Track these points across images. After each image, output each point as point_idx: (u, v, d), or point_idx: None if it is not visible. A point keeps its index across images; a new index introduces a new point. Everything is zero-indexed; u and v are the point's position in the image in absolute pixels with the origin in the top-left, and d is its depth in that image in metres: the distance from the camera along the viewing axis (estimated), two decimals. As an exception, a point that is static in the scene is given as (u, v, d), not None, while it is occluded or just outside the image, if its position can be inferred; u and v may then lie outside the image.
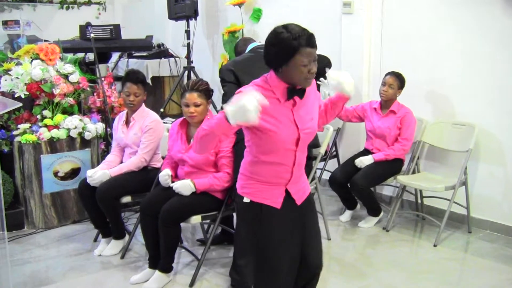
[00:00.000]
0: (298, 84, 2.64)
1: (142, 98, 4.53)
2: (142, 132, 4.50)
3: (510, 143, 4.78)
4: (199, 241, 4.76)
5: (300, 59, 2.56)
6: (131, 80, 4.48)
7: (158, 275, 3.96)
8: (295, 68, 2.58)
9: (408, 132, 5.00)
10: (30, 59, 5.18)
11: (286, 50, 2.57)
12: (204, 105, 3.96)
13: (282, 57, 2.58)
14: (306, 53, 2.57)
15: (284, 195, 2.78)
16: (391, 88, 5.04)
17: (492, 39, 4.77)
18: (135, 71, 4.64)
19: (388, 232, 5.01)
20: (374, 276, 4.19)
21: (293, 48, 2.55)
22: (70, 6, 8.81)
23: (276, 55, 2.60)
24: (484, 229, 5.01)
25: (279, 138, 2.65)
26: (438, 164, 5.29)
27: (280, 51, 2.58)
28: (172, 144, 4.14)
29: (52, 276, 4.19)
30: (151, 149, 4.51)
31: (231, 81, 3.87)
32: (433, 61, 5.18)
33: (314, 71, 2.62)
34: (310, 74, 2.61)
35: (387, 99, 5.08)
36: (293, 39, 2.55)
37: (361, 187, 4.91)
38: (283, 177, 2.76)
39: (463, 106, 5.03)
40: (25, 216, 5.11)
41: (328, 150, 5.62)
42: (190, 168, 4.03)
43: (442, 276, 4.20)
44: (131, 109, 4.55)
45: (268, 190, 2.76)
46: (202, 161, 3.96)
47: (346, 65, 5.79)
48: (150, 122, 4.50)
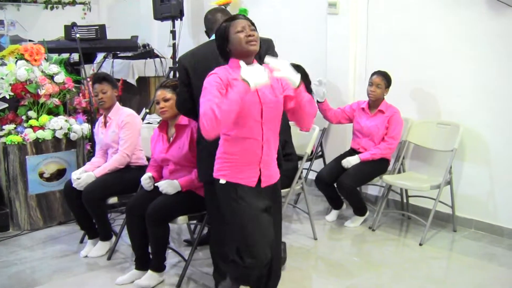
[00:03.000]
0: (245, 50, 2.98)
1: (112, 94, 4.56)
2: (119, 128, 4.51)
3: (494, 142, 4.82)
4: (186, 241, 4.76)
5: (233, 30, 2.97)
6: (95, 81, 4.59)
7: (151, 274, 3.96)
8: (234, 39, 2.98)
9: (395, 131, 5.03)
10: (15, 60, 5.15)
11: (221, 32, 3.03)
12: (173, 99, 3.99)
13: (222, 39, 3.02)
14: (236, 23, 2.99)
15: (259, 174, 3.03)
16: (379, 88, 5.07)
17: (477, 40, 4.81)
18: (97, 72, 4.72)
19: (374, 232, 5.03)
20: (360, 275, 4.21)
21: (224, 27, 3.01)
22: (54, 6, 8.75)
23: (218, 41, 3.05)
24: (469, 228, 5.04)
25: (243, 108, 2.86)
26: (423, 163, 5.33)
27: (219, 37, 3.04)
28: (154, 146, 4.17)
29: (38, 278, 4.17)
30: (131, 143, 4.51)
31: (183, 81, 3.57)
32: (419, 61, 5.21)
33: (253, 34, 2.98)
34: (249, 37, 2.97)
35: (375, 98, 5.10)
36: (223, 22, 3.04)
37: (347, 186, 4.94)
38: (254, 153, 3.01)
39: (448, 106, 5.07)
40: (10, 218, 5.08)
41: (314, 150, 5.64)
42: (173, 165, 4.04)
43: (427, 274, 4.22)
44: (104, 107, 4.59)
45: (242, 171, 3.01)
46: (184, 157, 3.99)
47: (332, 65, 5.81)
48: (125, 116, 4.54)
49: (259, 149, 3.02)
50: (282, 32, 6.38)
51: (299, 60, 5.79)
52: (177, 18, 6.79)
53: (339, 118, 5.34)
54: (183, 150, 3.99)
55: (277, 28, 6.43)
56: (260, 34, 3.06)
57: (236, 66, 2.97)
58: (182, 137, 4.01)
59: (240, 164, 3.01)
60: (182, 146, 4.00)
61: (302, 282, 4.12)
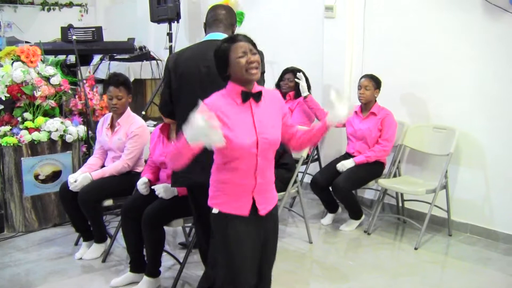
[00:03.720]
0: (245, 77, 2.74)
1: (126, 101, 4.50)
2: (127, 137, 4.47)
3: (490, 147, 4.83)
4: (181, 244, 4.75)
5: (233, 55, 2.73)
6: (113, 84, 4.46)
7: (147, 279, 3.94)
8: (234, 65, 2.73)
9: (388, 133, 5.04)
10: (11, 61, 5.14)
11: (220, 54, 2.78)
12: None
13: (221, 61, 2.78)
14: (236, 47, 2.74)
15: (252, 203, 2.83)
16: (367, 90, 5.08)
17: (473, 44, 4.82)
18: (116, 74, 4.63)
19: (370, 235, 5.03)
20: (355, 279, 4.21)
21: (225, 49, 2.76)
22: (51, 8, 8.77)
23: (218, 62, 2.81)
24: (464, 232, 5.05)
25: (237, 142, 2.69)
26: (419, 167, 5.33)
27: (219, 58, 2.80)
28: (154, 148, 4.15)
29: (32, 280, 4.15)
30: (135, 156, 4.49)
31: (166, 82, 3.45)
32: (415, 65, 5.22)
33: (254, 59, 2.74)
34: (250, 64, 2.72)
35: (365, 101, 5.11)
36: (223, 43, 2.80)
37: (343, 190, 4.94)
38: (247, 184, 2.80)
39: (444, 110, 5.07)
40: (5, 220, 5.06)
41: (310, 154, 5.65)
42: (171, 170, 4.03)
43: (423, 278, 4.23)
44: (116, 113, 4.52)
45: (235, 200, 2.81)
46: None
47: (328, 69, 5.82)
48: (136, 128, 4.47)
49: (252, 179, 2.80)
50: (279, 35, 6.41)
51: (296, 63, 5.83)
52: (174, 20, 6.80)
53: None
54: None
55: (274, 31, 6.45)
56: (257, 38, 3.02)
57: (234, 93, 2.77)
58: None
59: (232, 193, 2.81)
60: None
61: (296, 285, 4.11)
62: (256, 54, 2.78)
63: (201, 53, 3.25)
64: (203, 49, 3.27)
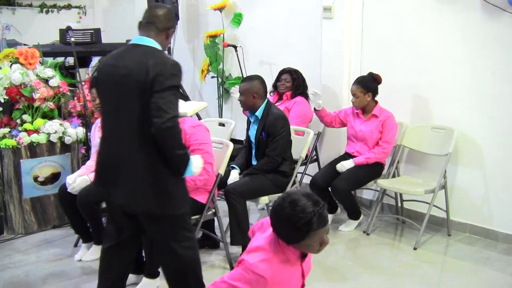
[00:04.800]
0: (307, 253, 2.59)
1: None
2: None
3: (489, 147, 4.84)
4: (180, 245, 4.74)
5: (311, 240, 2.45)
6: (93, 85, 4.49)
7: (146, 280, 3.94)
8: (308, 243, 2.46)
9: (389, 135, 5.03)
10: (9, 63, 5.14)
11: (296, 232, 2.43)
12: None
13: (293, 237, 2.46)
14: (318, 233, 2.45)
15: None
16: (356, 97, 5.07)
17: (472, 44, 4.83)
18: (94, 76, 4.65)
19: (369, 236, 5.03)
20: (354, 279, 4.21)
21: (304, 232, 2.42)
22: (50, 10, 8.75)
23: (287, 233, 2.47)
24: (463, 232, 5.05)
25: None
26: (418, 168, 5.34)
27: (291, 233, 2.44)
28: None
29: (32, 282, 4.16)
30: None
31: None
32: (414, 66, 5.22)
33: (327, 242, 2.50)
34: (322, 245, 2.49)
35: (359, 107, 5.11)
36: (304, 223, 2.40)
37: (341, 190, 4.94)
38: None
39: (443, 110, 5.08)
40: (5, 222, 5.06)
41: (309, 154, 5.64)
42: None
43: (422, 279, 4.23)
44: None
45: None
46: None
47: (326, 69, 5.82)
48: None
49: None
50: (277, 35, 6.41)
51: (295, 63, 5.83)
52: (172, 22, 6.79)
53: (333, 121, 5.35)
54: None
55: (272, 31, 6.45)
56: (255, 39, 3.01)
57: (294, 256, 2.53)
58: None
59: None
60: None
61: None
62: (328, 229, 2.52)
63: (122, 58, 3.13)
64: (125, 54, 3.15)
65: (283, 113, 4.73)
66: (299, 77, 5.65)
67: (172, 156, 3.01)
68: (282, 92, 5.69)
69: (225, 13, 6.84)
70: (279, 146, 4.55)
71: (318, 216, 2.43)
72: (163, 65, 3.01)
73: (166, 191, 3.08)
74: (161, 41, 3.20)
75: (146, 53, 3.06)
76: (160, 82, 2.95)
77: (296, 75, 5.66)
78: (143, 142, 3.01)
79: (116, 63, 3.13)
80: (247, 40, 6.67)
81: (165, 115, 2.90)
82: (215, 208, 4.23)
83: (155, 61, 3.00)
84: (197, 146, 4.00)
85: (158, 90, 2.93)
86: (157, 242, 3.30)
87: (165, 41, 3.25)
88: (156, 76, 2.95)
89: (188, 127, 4.01)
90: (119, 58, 3.15)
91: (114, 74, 3.10)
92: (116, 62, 3.13)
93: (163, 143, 2.97)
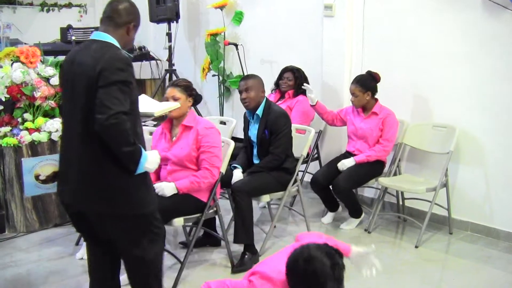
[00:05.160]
0: None
1: None
2: None
3: (490, 145, 4.83)
4: (182, 243, 4.75)
5: None
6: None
7: None
8: None
9: (389, 133, 5.03)
10: (10, 62, 5.14)
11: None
12: (182, 99, 4.08)
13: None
14: None
15: None
16: (355, 96, 5.07)
17: (472, 43, 4.82)
18: None
19: (370, 234, 5.03)
20: (356, 277, 4.19)
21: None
22: (50, 9, 8.73)
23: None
24: (465, 230, 5.05)
25: None
26: (419, 166, 5.33)
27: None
28: (156, 144, 4.19)
29: (33, 280, 4.16)
30: None
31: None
32: (415, 64, 5.22)
33: None
34: None
35: (358, 105, 5.11)
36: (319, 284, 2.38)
37: (343, 189, 4.94)
38: None
39: (444, 108, 5.08)
40: (6, 220, 5.06)
41: (310, 152, 5.64)
42: (172, 166, 4.05)
43: (423, 277, 4.23)
44: None
45: None
46: (185, 157, 4.03)
47: (327, 67, 5.82)
48: None
49: None
50: (278, 34, 6.41)
51: (295, 61, 5.83)
52: (173, 20, 6.81)
53: (334, 120, 5.36)
54: (184, 151, 4.03)
55: (273, 30, 6.46)
56: (256, 37, 2.99)
57: None
58: (186, 138, 4.04)
59: None
60: (185, 146, 4.02)
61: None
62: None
63: (78, 55, 3.01)
64: (81, 51, 3.02)
65: (283, 110, 4.73)
66: (301, 76, 5.66)
67: (119, 154, 2.86)
68: (284, 90, 5.69)
69: (226, 12, 6.84)
70: (282, 143, 4.57)
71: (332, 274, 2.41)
72: (110, 60, 2.85)
73: (116, 189, 2.95)
74: (120, 36, 3.06)
75: (100, 49, 2.92)
76: (105, 76, 2.80)
77: (298, 74, 5.66)
78: (90, 140, 2.88)
79: (72, 59, 3.02)
80: (248, 39, 6.68)
81: (108, 111, 2.74)
82: (216, 206, 4.22)
83: (104, 56, 2.86)
84: (207, 148, 4.02)
85: (102, 85, 2.79)
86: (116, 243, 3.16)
87: (126, 36, 3.09)
88: (102, 71, 2.81)
89: (202, 128, 4.05)
90: (76, 55, 3.02)
91: (70, 71, 3.00)
92: (73, 58, 3.02)
93: (108, 141, 2.83)
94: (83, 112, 2.88)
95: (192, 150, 4.03)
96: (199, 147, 4.03)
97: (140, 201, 3.05)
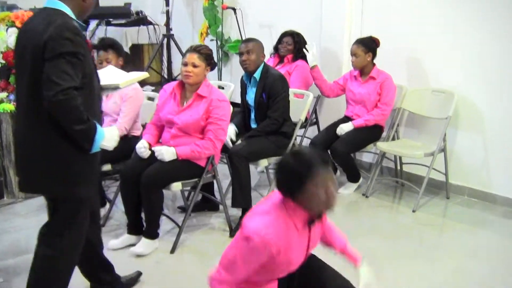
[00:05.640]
0: (318, 210, 2.38)
1: (117, 64, 4.44)
2: (122, 100, 4.47)
3: (489, 110, 4.82)
4: (180, 208, 4.77)
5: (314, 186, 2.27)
6: (100, 48, 4.50)
7: (145, 241, 3.97)
8: (311, 196, 2.29)
9: (387, 97, 5.01)
10: (5, 27, 5.09)
11: (298, 176, 2.27)
12: (202, 67, 4.01)
13: (295, 183, 2.29)
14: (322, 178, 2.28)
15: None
16: (357, 56, 5.04)
17: (473, 8, 4.77)
18: (103, 38, 4.62)
19: (368, 198, 5.05)
20: (353, 241, 4.19)
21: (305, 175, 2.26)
22: (46, -27, 8.63)
23: (289, 181, 2.31)
24: (462, 195, 5.07)
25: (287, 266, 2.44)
26: (417, 131, 5.33)
27: (293, 178, 2.29)
28: (163, 105, 4.15)
29: (32, 245, 4.12)
30: (131, 118, 4.50)
31: None
32: (414, 31, 5.17)
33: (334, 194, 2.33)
34: (330, 198, 2.31)
35: (358, 67, 5.08)
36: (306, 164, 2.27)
37: (341, 153, 4.94)
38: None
39: (443, 74, 5.05)
40: (5, 186, 5.06)
41: (308, 117, 5.63)
42: (177, 131, 4.03)
43: (420, 240, 4.26)
44: None
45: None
46: (192, 125, 4.00)
47: (326, 32, 5.77)
48: (129, 90, 4.44)
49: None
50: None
51: (294, 25, 5.78)
52: (170, -16, 6.73)
53: (336, 91, 5.33)
54: (193, 119, 3.99)
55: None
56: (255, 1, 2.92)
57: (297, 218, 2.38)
58: (197, 107, 4.00)
59: None
60: (194, 114, 3.99)
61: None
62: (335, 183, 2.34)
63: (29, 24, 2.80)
64: (33, 19, 2.79)
65: (281, 73, 4.71)
66: (301, 40, 5.61)
67: (71, 132, 2.67)
68: (283, 55, 5.65)
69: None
70: (280, 107, 4.55)
71: (320, 158, 2.30)
72: (57, 29, 2.60)
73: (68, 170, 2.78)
74: (75, 4, 2.78)
75: (47, 17, 2.68)
76: (52, 47, 2.57)
77: (298, 38, 5.62)
78: (38, 117, 2.69)
79: (24, 28, 2.80)
80: (246, 2, 6.60)
81: (56, 87, 2.54)
82: (214, 171, 4.23)
83: (51, 25, 2.61)
84: (216, 120, 4.00)
85: (49, 58, 2.58)
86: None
87: (81, 3, 2.81)
88: (48, 41, 2.58)
89: (215, 100, 4.02)
90: (27, 23, 2.80)
91: (20, 41, 2.78)
92: (25, 27, 2.81)
93: (58, 118, 2.63)
94: (30, 87, 2.69)
95: (201, 119, 3.99)
96: (208, 117, 4.00)
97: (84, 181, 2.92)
